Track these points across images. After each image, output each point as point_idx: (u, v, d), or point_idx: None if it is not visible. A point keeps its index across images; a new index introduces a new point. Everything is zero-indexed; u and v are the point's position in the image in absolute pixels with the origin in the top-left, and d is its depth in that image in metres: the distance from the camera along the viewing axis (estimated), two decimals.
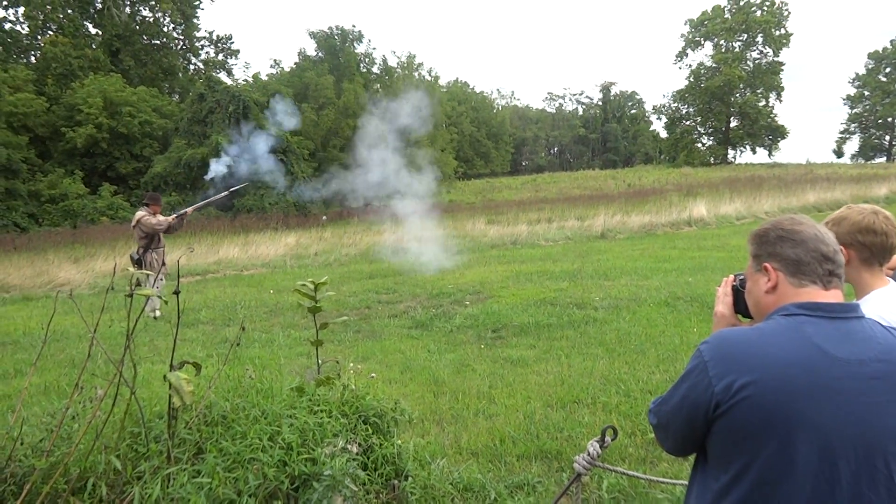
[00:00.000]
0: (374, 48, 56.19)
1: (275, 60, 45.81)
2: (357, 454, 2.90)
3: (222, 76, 39.95)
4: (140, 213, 9.34)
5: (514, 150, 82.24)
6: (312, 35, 45.01)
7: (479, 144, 76.29)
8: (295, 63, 44.68)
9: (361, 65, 47.07)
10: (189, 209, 10.00)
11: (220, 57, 44.90)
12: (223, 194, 11.23)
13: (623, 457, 3.96)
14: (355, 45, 46.16)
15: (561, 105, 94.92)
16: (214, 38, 44.94)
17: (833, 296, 1.43)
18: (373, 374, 4.45)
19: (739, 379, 1.30)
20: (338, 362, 3.65)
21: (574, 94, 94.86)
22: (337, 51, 44.79)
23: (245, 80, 38.56)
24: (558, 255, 14.51)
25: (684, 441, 1.46)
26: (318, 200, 35.72)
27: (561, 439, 4.25)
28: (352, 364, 4.32)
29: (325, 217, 29.74)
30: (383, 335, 7.75)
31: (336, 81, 40.72)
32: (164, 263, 9.41)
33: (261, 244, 18.40)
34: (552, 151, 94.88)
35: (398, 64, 49.11)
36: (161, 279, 8.93)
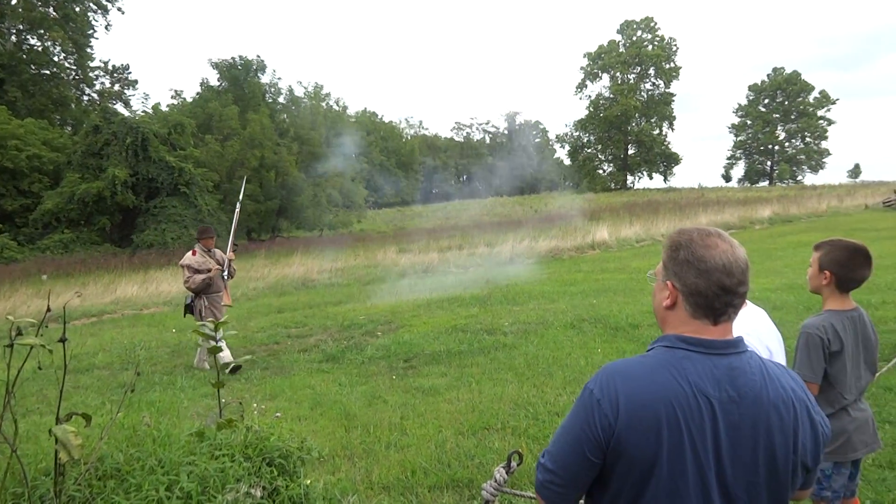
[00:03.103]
0: (279, 78, 55.57)
1: (176, 91, 44.47)
2: (261, 498, 2.82)
3: (119, 107, 38.26)
4: (186, 256, 8.07)
5: (424, 179, 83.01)
6: (214, 65, 44.00)
7: (390, 174, 76.52)
8: (197, 93, 43.45)
9: (267, 95, 46.39)
10: (230, 253, 8.38)
11: (117, 87, 43.16)
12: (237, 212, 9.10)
13: (531, 480, 4.03)
14: (259, 74, 45.50)
15: (469, 134, 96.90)
16: (110, 67, 43.19)
17: (720, 331, 1.42)
18: (278, 414, 4.34)
19: (622, 414, 1.35)
20: (241, 403, 3.53)
21: (481, 124, 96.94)
22: (240, 81, 43.98)
23: (144, 112, 37.07)
24: (469, 282, 14.70)
25: (582, 480, 1.45)
26: (224, 233, 34.73)
27: (472, 467, 4.28)
28: (256, 404, 4.19)
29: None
30: (293, 371, 7.58)
31: (241, 112, 39.90)
32: (213, 310, 8.00)
33: (162, 281, 17.62)
34: (461, 179, 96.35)
35: (305, 94, 48.78)
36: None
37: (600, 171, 78.89)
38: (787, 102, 76.11)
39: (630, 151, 76.90)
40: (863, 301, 8.56)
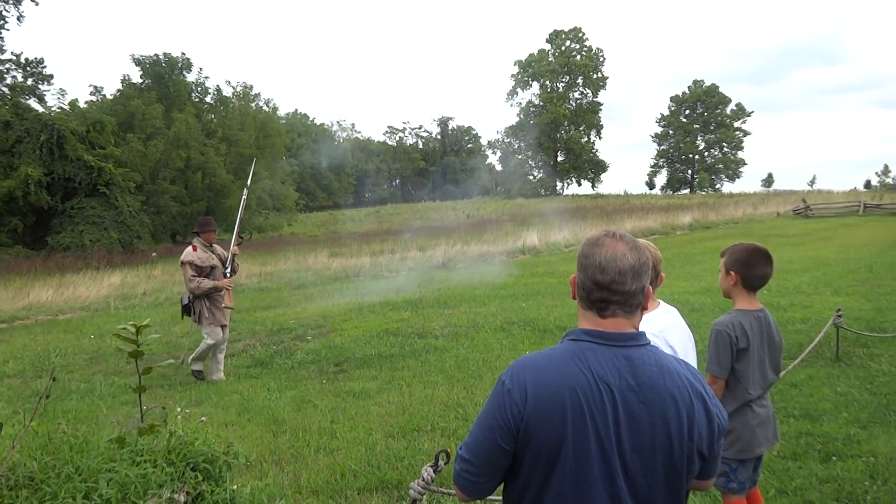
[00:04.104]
0: (206, 77, 53.94)
1: (95, 87, 42.47)
2: (185, 503, 2.76)
3: (33, 103, 36.16)
4: (186, 251, 7.25)
5: (356, 183, 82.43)
6: (137, 61, 42.37)
7: (321, 176, 75.64)
8: (118, 90, 41.71)
9: (193, 94, 45.04)
10: (234, 247, 7.57)
11: (30, 82, 40.91)
12: (241, 210, 8.31)
13: None
14: (185, 72, 44.13)
15: (401, 138, 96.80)
16: (23, 61, 40.92)
17: (612, 324, 1.51)
18: (203, 418, 4.25)
19: (530, 401, 1.43)
20: (164, 408, 3.45)
21: (413, 129, 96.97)
22: (165, 79, 42.53)
23: (60, 108, 35.22)
24: (401, 286, 14.71)
25: (495, 468, 1.52)
26: (147, 236, 33.44)
27: (401, 468, 4.31)
28: (180, 409, 4.09)
29: (154, 253, 27.84)
30: None
31: (165, 111, 38.59)
32: (214, 311, 7.23)
33: (80, 285, 16.82)
34: (394, 183, 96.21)
35: (233, 94, 47.58)
36: (216, 331, 7.20)
37: (531, 177, 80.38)
38: (706, 114, 79.59)
39: (559, 158, 78.71)
40: (772, 303, 9.08)
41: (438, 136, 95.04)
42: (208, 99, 46.71)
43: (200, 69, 53.19)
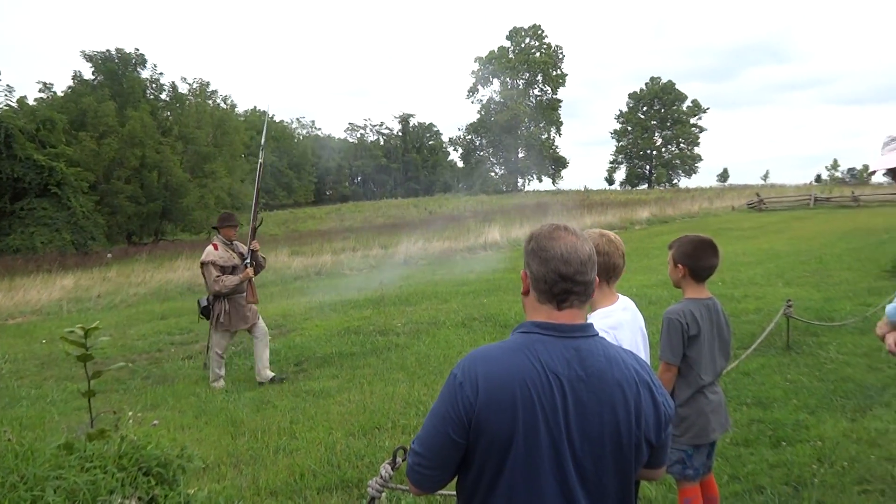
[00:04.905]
0: (161, 73, 52.63)
1: (45, 84, 41.22)
2: None
3: None
4: (207, 251, 6.72)
5: (317, 180, 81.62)
6: (88, 57, 41.23)
7: (281, 175, 74.73)
8: (69, 87, 40.54)
9: (147, 91, 44.02)
10: (254, 242, 6.90)
11: None
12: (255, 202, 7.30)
13: None
14: (139, 69, 43.11)
15: (362, 135, 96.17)
16: None
17: (567, 316, 1.53)
18: (155, 422, 4.16)
19: (481, 393, 1.45)
20: (115, 413, 3.37)
21: (375, 125, 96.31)
22: (118, 75, 41.49)
23: (8, 105, 34.05)
24: (362, 284, 14.63)
25: (448, 460, 1.52)
26: (101, 237, 32.62)
27: (362, 466, 4.29)
28: (130, 413, 4.01)
29: (109, 255, 27.14)
30: (176, 379, 7.28)
31: (119, 108, 37.65)
32: (232, 315, 6.75)
33: (30, 288, 16.31)
34: (356, 181, 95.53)
35: (190, 91, 46.59)
36: (223, 340, 6.84)
37: (492, 174, 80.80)
38: (663, 110, 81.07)
39: (520, 155, 79.25)
40: (726, 294, 9.31)
41: (400, 134, 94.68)
42: (163, 96, 45.70)
43: (155, 65, 51.96)
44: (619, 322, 2.46)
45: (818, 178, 78.03)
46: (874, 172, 2.66)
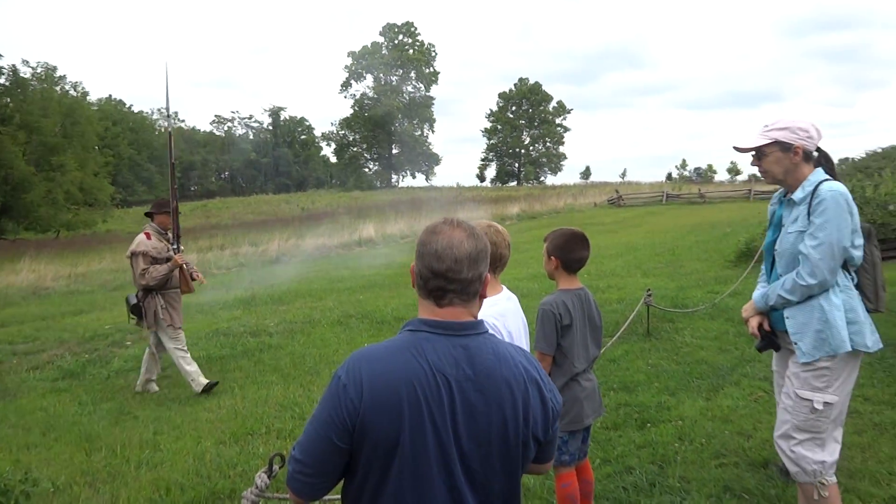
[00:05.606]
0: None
1: None
2: None
3: None
4: (138, 240, 6.07)
5: (181, 175, 77.35)
6: None
7: (141, 168, 70.13)
8: None
9: None
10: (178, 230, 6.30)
11: None
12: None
13: None
14: None
15: (230, 129, 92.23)
16: None
17: (449, 313, 1.49)
18: None
19: (366, 395, 1.38)
20: None
21: (243, 119, 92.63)
22: None
23: None
24: (232, 283, 14.01)
25: (331, 467, 1.45)
26: None
27: (234, 476, 4.07)
28: None
29: None
30: (20, 393, 6.57)
31: None
32: (170, 311, 6.14)
33: None
34: (223, 176, 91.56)
35: (33, 76, 42.39)
36: (180, 334, 6.19)
37: (366, 170, 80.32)
38: (530, 110, 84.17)
39: (394, 151, 79.36)
40: (592, 285, 9.78)
41: (270, 127, 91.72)
42: (2, 80, 41.31)
43: None
44: (506, 310, 2.49)
45: (669, 177, 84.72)
46: (743, 151, 2.89)
